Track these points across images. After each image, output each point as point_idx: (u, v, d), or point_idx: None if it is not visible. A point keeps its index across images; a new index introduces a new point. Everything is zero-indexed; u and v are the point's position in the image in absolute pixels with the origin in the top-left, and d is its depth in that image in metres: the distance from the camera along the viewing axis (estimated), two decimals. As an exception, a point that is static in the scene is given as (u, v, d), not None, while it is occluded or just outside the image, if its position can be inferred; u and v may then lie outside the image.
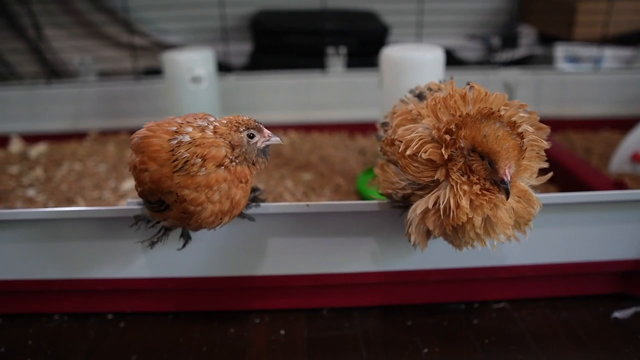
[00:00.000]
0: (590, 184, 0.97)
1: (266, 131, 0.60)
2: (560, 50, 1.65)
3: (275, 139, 0.61)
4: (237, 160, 0.58)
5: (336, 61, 1.48)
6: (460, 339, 0.74)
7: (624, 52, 1.65)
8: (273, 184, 1.16)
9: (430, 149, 0.57)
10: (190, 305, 0.78)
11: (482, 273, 0.76)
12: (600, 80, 1.51)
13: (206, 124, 0.59)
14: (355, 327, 0.76)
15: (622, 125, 1.40)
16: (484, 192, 0.56)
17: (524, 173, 0.59)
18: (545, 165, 0.62)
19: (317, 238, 0.71)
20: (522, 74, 1.50)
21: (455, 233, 0.58)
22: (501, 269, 0.76)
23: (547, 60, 1.70)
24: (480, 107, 0.57)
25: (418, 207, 0.59)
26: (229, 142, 0.58)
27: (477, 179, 0.56)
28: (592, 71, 1.57)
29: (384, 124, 0.68)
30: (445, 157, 0.56)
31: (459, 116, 0.57)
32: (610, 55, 1.63)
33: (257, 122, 0.60)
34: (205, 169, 0.56)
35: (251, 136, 0.59)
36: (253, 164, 0.60)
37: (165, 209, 0.59)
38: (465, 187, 0.56)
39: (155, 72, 1.56)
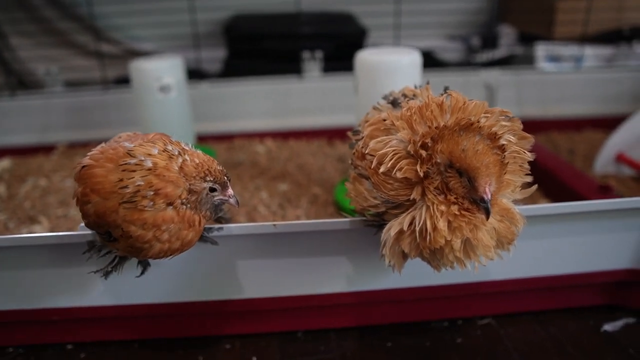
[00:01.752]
0: (575, 188, 0.94)
1: (230, 191, 0.56)
2: (541, 50, 1.62)
3: (233, 201, 0.56)
4: (188, 205, 0.53)
5: (312, 65, 1.44)
6: (443, 360, 0.70)
7: (605, 51, 1.63)
8: (248, 196, 1.11)
9: (406, 166, 0.52)
10: (157, 332, 0.73)
11: (465, 289, 0.72)
12: (582, 80, 1.49)
13: (177, 154, 0.54)
14: (332, 350, 0.72)
15: (606, 124, 1.37)
16: (462, 212, 0.52)
17: (506, 189, 0.55)
18: (529, 179, 0.58)
19: (288, 259, 0.66)
20: (503, 75, 1.47)
21: (433, 255, 0.54)
22: (485, 284, 0.72)
23: (527, 60, 1.67)
24: (459, 118, 0.53)
25: (392, 228, 0.54)
26: (189, 186, 0.53)
27: (455, 198, 0.52)
28: (574, 70, 1.55)
29: (356, 132, 0.63)
30: (421, 174, 0.52)
31: (436, 128, 0.52)
32: (591, 54, 1.62)
33: (227, 178, 0.56)
34: (154, 204, 0.51)
35: (212, 190, 0.55)
36: (201, 213, 0.55)
37: (114, 240, 0.54)
38: (443, 208, 0.51)
39: (126, 81, 1.51)
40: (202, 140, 1.38)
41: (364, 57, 0.90)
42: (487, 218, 0.51)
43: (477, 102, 0.56)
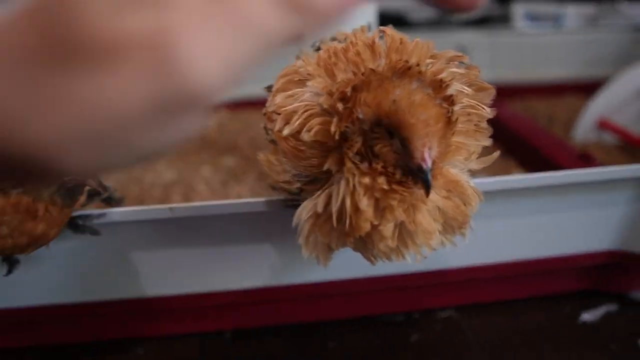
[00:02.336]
0: (552, 157, 0.83)
1: None
2: (519, 8, 1.50)
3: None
4: (21, 190, 0.40)
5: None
6: (395, 362, 0.59)
7: (587, 10, 1.52)
8: (188, 172, 0.98)
9: (318, 126, 0.40)
10: (46, 339, 0.60)
11: (421, 279, 0.61)
12: (562, 41, 1.37)
13: None
14: (264, 352, 0.61)
15: (587, 88, 1.26)
16: (393, 187, 0.39)
17: (456, 155, 0.43)
18: (488, 143, 0.46)
19: (196, 249, 0.54)
20: (478, 36, 1.35)
21: (361, 244, 0.42)
22: (445, 272, 0.61)
23: (504, 19, 1.55)
24: (394, 60, 0.40)
25: (304, 211, 0.42)
26: None
27: (383, 167, 0.39)
28: (554, 31, 1.43)
29: (269, 88, 0.50)
30: (337, 136, 0.39)
31: (362, 74, 0.40)
32: (573, 12, 1.50)
33: None
34: None
35: None
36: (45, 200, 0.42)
37: None
38: (367, 181, 0.39)
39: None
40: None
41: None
42: (427, 194, 0.38)
43: (421, 41, 0.43)
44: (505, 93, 1.29)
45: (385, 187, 0.39)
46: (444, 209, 0.43)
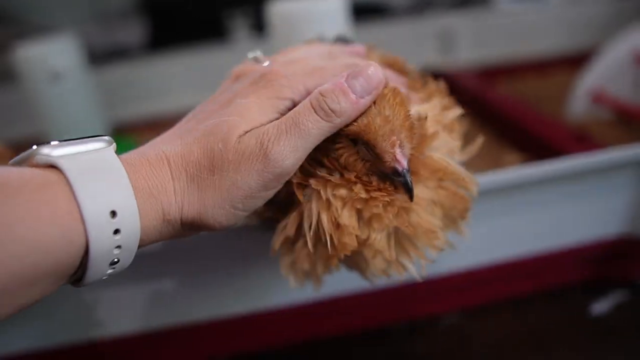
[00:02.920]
0: (549, 139, 0.79)
1: None
2: (500, -14, 1.45)
3: None
4: None
5: (241, 30, 1.26)
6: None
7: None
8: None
9: None
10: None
11: (421, 287, 0.57)
12: (547, 17, 1.33)
13: None
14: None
15: (576, 63, 1.22)
16: (373, 195, 0.34)
17: (433, 141, 0.37)
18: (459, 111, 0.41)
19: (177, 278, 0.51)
20: (462, 19, 1.30)
21: (354, 263, 0.38)
22: (445, 277, 0.58)
23: (486, 0, 1.50)
24: None
25: (276, 240, 0.38)
26: None
27: (356, 177, 0.35)
28: (537, 7, 1.38)
29: None
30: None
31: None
32: (555, -14, 1.45)
33: None
34: None
35: None
36: None
37: None
38: (342, 192, 0.35)
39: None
40: (125, 129, 1.20)
41: (276, 7, 0.73)
42: (411, 197, 0.34)
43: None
44: (494, 75, 1.25)
45: (364, 195, 0.34)
46: (439, 200, 0.37)
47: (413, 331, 0.61)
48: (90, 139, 0.31)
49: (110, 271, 0.31)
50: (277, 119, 0.34)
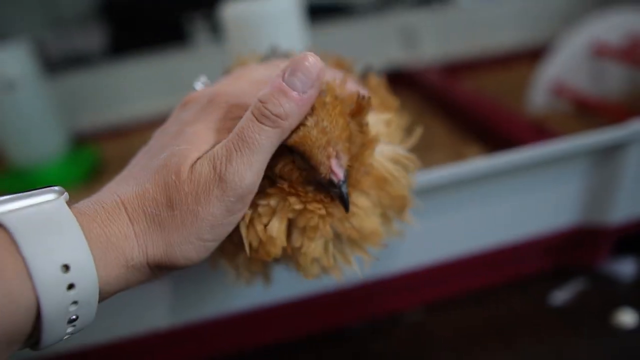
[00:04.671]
0: (508, 132, 0.80)
1: None
2: (460, -17, 1.46)
3: None
4: None
5: (202, 33, 1.24)
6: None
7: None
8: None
9: None
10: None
11: (380, 286, 0.57)
12: (505, 11, 1.34)
13: None
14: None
15: (537, 57, 1.24)
16: (309, 207, 0.34)
17: (373, 149, 0.36)
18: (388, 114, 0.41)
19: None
20: (423, 17, 1.31)
21: (289, 261, 0.37)
22: (404, 275, 0.58)
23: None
24: None
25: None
26: None
27: (290, 187, 0.34)
28: (499, 3, 1.40)
29: None
30: None
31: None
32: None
33: None
34: None
35: None
36: None
37: None
38: (273, 202, 0.34)
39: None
40: (87, 139, 1.18)
41: (228, 10, 0.72)
42: (347, 209, 0.33)
43: None
44: (457, 70, 1.26)
45: (298, 207, 0.34)
46: (379, 202, 0.37)
47: (375, 330, 0.61)
48: (39, 190, 0.29)
49: (70, 329, 0.29)
50: None
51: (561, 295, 0.61)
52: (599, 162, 0.56)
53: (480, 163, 0.52)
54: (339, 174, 0.32)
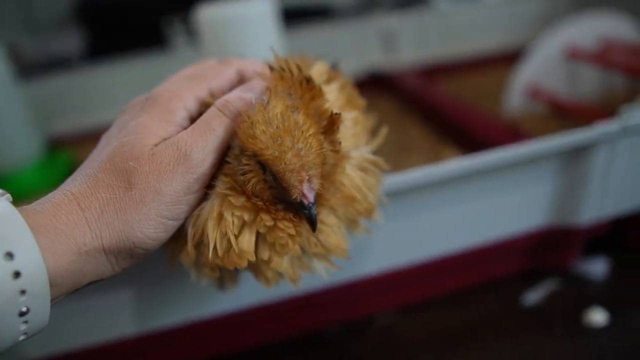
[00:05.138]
0: (483, 135, 0.81)
1: None
2: (439, -13, 1.48)
3: None
4: None
5: (180, 36, 1.23)
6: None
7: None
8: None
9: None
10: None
11: (353, 289, 0.57)
12: (484, 15, 1.36)
13: None
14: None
15: (514, 60, 1.25)
16: (279, 225, 0.34)
17: (344, 166, 0.37)
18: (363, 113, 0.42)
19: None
20: (404, 20, 1.32)
21: (256, 271, 0.37)
22: (377, 278, 0.58)
23: (426, 1, 1.53)
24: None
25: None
26: None
27: (263, 204, 0.34)
28: (474, 6, 1.41)
29: None
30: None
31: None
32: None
33: None
34: None
35: None
36: None
37: None
38: (246, 215, 0.34)
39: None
40: (64, 143, 1.16)
41: (202, 13, 0.72)
42: (314, 229, 0.33)
43: None
44: (435, 73, 1.27)
45: (270, 223, 0.34)
46: (346, 216, 0.38)
47: (348, 333, 0.61)
48: None
49: (24, 327, 0.28)
50: (176, 130, 0.36)
51: (534, 296, 0.62)
52: (568, 163, 0.57)
53: (451, 165, 0.52)
54: (310, 197, 0.32)
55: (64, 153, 1.07)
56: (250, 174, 0.33)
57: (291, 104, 0.32)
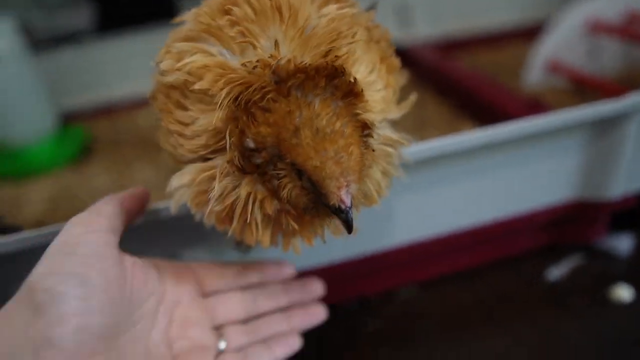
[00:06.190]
0: (503, 108, 0.79)
1: None
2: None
3: None
4: None
5: (194, 7, 1.21)
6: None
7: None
8: (125, 174, 0.91)
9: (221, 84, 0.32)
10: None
11: (373, 262, 0.56)
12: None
13: None
14: None
15: (532, 33, 1.22)
16: (307, 227, 0.35)
17: (375, 161, 0.35)
18: (403, 79, 0.42)
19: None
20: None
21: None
22: (398, 251, 0.57)
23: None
24: (296, 52, 0.32)
25: (182, 176, 0.35)
26: None
27: (292, 209, 0.34)
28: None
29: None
30: (232, 162, 0.32)
31: (241, 84, 0.31)
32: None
33: None
34: None
35: None
36: None
37: None
38: (268, 208, 0.33)
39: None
40: (77, 117, 1.15)
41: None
42: (350, 232, 0.32)
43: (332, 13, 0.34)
44: (452, 48, 1.24)
45: (296, 227, 0.34)
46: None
47: (366, 308, 0.60)
48: None
49: None
50: None
51: (556, 272, 0.61)
52: (597, 135, 0.55)
53: (475, 135, 0.50)
54: (347, 202, 0.31)
55: (77, 127, 1.06)
56: (285, 180, 0.32)
57: (336, 110, 0.31)
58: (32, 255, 0.37)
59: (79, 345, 0.30)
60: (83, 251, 0.33)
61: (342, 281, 0.58)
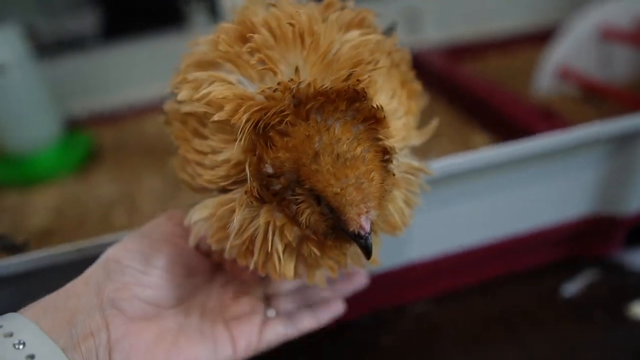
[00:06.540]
0: (515, 118, 0.77)
1: None
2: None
3: None
4: None
5: (199, 15, 1.21)
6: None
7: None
8: (131, 184, 0.90)
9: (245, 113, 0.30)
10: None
11: (388, 278, 0.55)
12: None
13: None
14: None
15: (541, 41, 1.21)
16: (328, 255, 0.34)
17: (397, 185, 0.35)
18: (424, 100, 0.40)
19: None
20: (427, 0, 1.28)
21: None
22: (413, 267, 0.56)
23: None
24: (312, 82, 0.29)
25: (202, 210, 0.35)
26: None
27: (313, 234, 0.32)
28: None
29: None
30: (250, 193, 0.31)
31: (260, 109, 0.30)
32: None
33: None
34: None
35: None
36: None
37: None
38: (288, 235, 0.32)
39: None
40: (82, 124, 1.15)
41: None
42: (369, 257, 0.31)
43: (349, 13, 0.35)
44: (461, 53, 1.23)
45: (317, 253, 0.33)
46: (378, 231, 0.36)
47: (380, 323, 0.59)
48: None
49: None
50: None
51: (572, 287, 0.60)
52: (614, 151, 0.54)
53: (493, 152, 0.49)
54: (367, 228, 0.30)
55: (82, 134, 1.05)
56: (303, 205, 0.31)
57: (357, 135, 0.30)
58: (40, 275, 0.37)
59: (135, 310, 0.36)
60: (156, 236, 0.38)
61: (356, 297, 0.57)
